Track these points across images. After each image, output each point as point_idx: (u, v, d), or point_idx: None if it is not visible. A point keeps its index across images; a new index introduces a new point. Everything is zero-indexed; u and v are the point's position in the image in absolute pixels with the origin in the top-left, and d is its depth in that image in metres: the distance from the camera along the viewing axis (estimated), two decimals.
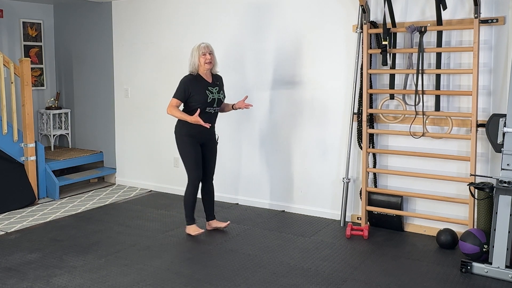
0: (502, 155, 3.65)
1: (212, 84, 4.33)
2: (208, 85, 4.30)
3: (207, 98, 4.25)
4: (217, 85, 4.36)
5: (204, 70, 4.29)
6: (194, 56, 4.27)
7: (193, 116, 4.15)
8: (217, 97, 4.31)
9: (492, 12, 4.06)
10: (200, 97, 4.23)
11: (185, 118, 4.20)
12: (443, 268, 3.71)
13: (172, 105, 4.24)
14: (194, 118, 4.14)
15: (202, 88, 4.26)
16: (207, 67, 4.26)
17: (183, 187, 5.91)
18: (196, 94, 4.22)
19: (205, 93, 4.25)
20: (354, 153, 4.78)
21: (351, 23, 4.69)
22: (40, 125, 6.77)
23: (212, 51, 4.30)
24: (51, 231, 4.63)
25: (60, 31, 6.91)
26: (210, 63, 4.26)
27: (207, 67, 4.26)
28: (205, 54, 4.24)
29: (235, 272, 3.68)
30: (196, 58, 4.25)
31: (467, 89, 4.19)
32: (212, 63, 4.29)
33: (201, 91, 4.24)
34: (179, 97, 4.25)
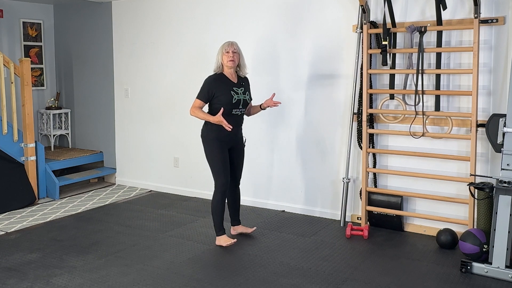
0: (502, 155, 3.65)
1: (237, 84, 4.13)
2: (233, 85, 4.10)
3: (232, 99, 4.05)
4: (242, 86, 4.16)
5: (228, 69, 4.10)
6: (218, 54, 4.10)
7: (216, 116, 3.97)
8: (242, 98, 4.11)
9: (492, 12, 4.06)
10: (225, 97, 4.03)
11: (208, 118, 4.03)
12: (443, 268, 3.71)
13: (195, 106, 4.06)
14: (217, 118, 3.96)
15: (227, 88, 4.06)
16: (230, 65, 4.06)
17: (183, 187, 5.99)
18: (220, 95, 4.03)
19: (230, 93, 4.05)
20: (354, 153, 4.78)
21: (351, 23, 4.69)
22: (40, 125, 6.77)
23: (237, 50, 4.09)
24: (51, 231, 4.63)
25: (60, 31, 6.91)
26: (232, 61, 4.05)
27: (230, 65, 4.06)
28: (228, 52, 4.05)
29: (235, 272, 3.68)
30: (220, 56, 4.08)
31: (467, 89, 4.19)
32: (236, 62, 4.09)
33: (226, 92, 4.04)
34: (203, 98, 4.07)
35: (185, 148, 5.87)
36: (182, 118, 5.84)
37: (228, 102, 4.04)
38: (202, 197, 5.73)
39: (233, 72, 4.14)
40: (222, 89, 4.05)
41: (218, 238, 4.21)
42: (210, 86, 4.06)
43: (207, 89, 4.06)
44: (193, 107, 4.08)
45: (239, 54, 4.11)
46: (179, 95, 5.83)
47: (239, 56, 4.11)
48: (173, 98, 5.89)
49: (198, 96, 4.09)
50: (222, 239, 4.19)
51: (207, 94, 4.06)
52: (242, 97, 4.11)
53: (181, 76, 5.82)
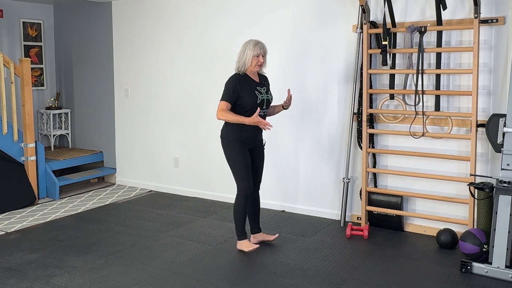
0: (502, 155, 3.65)
1: (259, 84, 3.97)
2: (257, 85, 3.94)
3: (256, 99, 3.88)
4: (264, 85, 4.02)
5: (253, 70, 3.95)
6: (246, 54, 3.88)
7: (252, 117, 3.77)
8: (265, 98, 3.96)
9: (492, 12, 4.06)
10: (250, 98, 3.86)
11: (243, 120, 3.80)
12: (443, 268, 3.71)
13: (222, 109, 3.82)
14: (254, 119, 3.77)
15: (251, 88, 3.90)
16: (257, 69, 3.93)
17: (183, 187, 5.99)
18: (245, 95, 3.86)
19: (254, 93, 3.89)
20: (354, 153, 4.78)
21: (351, 23, 4.69)
22: (40, 125, 6.77)
23: (266, 53, 3.95)
24: (51, 231, 4.63)
25: (60, 31, 6.91)
26: (261, 65, 3.93)
27: (257, 69, 3.93)
28: (259, 56, 3.88)
29: (235, 272, 3.68)
30: (249, 57, 3.87)
31: (467, 89, 4.19)
32: (263, 66, 3.97)
33: (250, 92, 3.88)
34: (229, 99, 3.84)
35: (185, 148, 5.87)
36: (182, 118, 5.84)
37: (252, 103, 3.88)
38: (202, 197, 5.73)
39: (255, 71, 3.99)
40: (246, 89, 3.88)
41: (239, 243, 4.09)
42: (235, 86, 3.86)
43: (232, 89, 3.86)
44: (220, 110, 3.83)
45: (265, 57, 3.96)
46: (179, 95, 5.83)
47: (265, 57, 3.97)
48: (173, 98, 5.89)
49: (223, 97, 3.87)
50: (243, 243, 4.07)
51: (233, 95, 3.85)
52: (265, 97, 3.96)
53: (181, 76, 5.82)
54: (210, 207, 5.38)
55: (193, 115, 5.75)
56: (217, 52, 5.51)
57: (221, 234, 4.50)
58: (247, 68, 3.91)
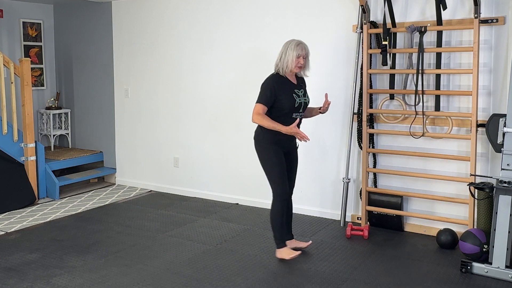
0: (502, 155, 3.65)
1: (297, 86, 3.79)
2: (294, 87, 3.76)
3: (294, 103, 3.70)
4: (302, 87, 3.84)
5: (292, 72, 3.77)
6: (288, 54, 3.68)
7: (290, 127, 3.60)
8: (303, 101, 3.78)
9: (492, 12, 4.06)
10: (288, 101, 3.68)
11: (279, 128, 3.62)
12: (443, 268, 3.71)
13: (258, 113, 3.63)
14: (291, 129, 3.60)
15: (289, 91, 3.71)
16: (297, 70, 3.74)
17: (183, 187, 5.99)
18: (283, 98, 3.67)
19: (292, 96, 3.70)
20: (354, 153, 4.78)
21: (351, 23, 4.69)
22: (40, 125, 6.77)
23: (308, 54, 3.76)
24: (51, 231, 4.63)
25: (60, 31, 6.91)
26: (301, 67, 3.75)
27: (297, 70, 3.74)
28: (300, 57, 3.69)
29: (235, 272, 3.68)
30: (290, 58, 3.68)
31: (467, 89, 4.19)
32: (303, 67, 3.79)
33: (288, 95, 3.69)
34: (266, 102, 3.64)
35: (185, 148, 5.87)
36: (182, 118, 5.84)
37: (290, 106, 3.70)
38: (202, 197, 5.73)
39: (293, 73, 3.81)
40: (284, 92, 3.69)
41: (279, 251, 3.89)
42: (273, 88, 3.66)
43: (270, 92, 3.65)
44: (256, 113, 3.64)
45: (307, 59, 3.78)
46: (179, 95, 5.83)
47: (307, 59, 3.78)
48: (173, 98, 5.89)
49: (259, 100, 3.67)
50: (284, 251, 3.87)
51: (271, 98, 3.65)
52: (303, 100, 3.78)
53: (181, 76, 5.82)
54: (210, 207, 5.38)
55: (193, 115, 5.75)
56: (217, 52, 5.51)
57: (221, 234, 4.50)
58: (289, 69, 3.72)
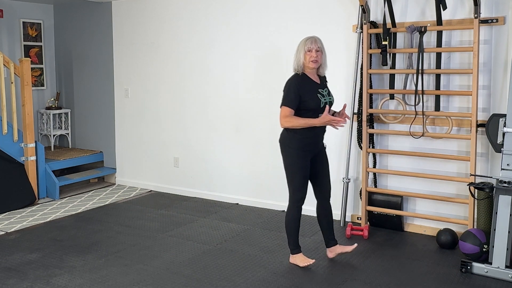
0: (502, 155, 3.65)
1: (321, 85, 3.65)
2: (318, 86, 3.62)
3: (319, 103, 3.55)
4: (325, 86, 3.71)
5: (309, 69, 3.61)
6: (299, 51, 3.58)
7: (322, 117, 3.47)
8: (328, 101, 3.62)
9: (492, 12, 4.06)
10: (312, 101, 3.54)
11: (312, 123, 3.50)
12: (443, 268, 3.71)
13: (286, 116, 3.52)
14: (324, 119, 3.47)
15: (313, 91, 3.57)
16: (312, 66, 3.56)
17: (183, 187, 5.99)
18: (308, 99, 3.53)
19: (317, 96, 3.56)
20: (354, 153, 4.78)
21: (351, 23, 4.69)
22: (40, 125, 6.77)
23: (321, 48, 3.58)
24: (51, 231, 4.63)
25: (60, 31, 6.91)
26: (316, 61, 3.56)
27: (312, 66, 3.56)
28: (311, 50, 3.54)
29: (235, 272, 3.68)
30: (301, 55, 3.56)
31: (467, 89, 4.19)
32: (319, 63, 3.60)
33: (313, 95, 3.55)
34: (291, 104, 3.52)
35: (185, 148, 5.87)
36: (182, 118, 5.84)
37: (315, 107, 3.55)
38: (202, 197, 5.73)
39: (315, 71, 3.66)
40: (308, 92, 3.55)
41: (293, 256, 3.79)
42: (296, 89, 3.53)
43: (293, 93, 3.52)
44: (283, 117, 3.54)
45: (322, 53, 3.61)
46: (180, 94, 5.83)
47: (322, 54, 3.62)
48: (174, 98, 5.89)
49: (284, 103, 3.56)
50: (297, 258, 3.76)
51: (295, 99, 3.52)
52: (328, 99, 3.62)
53: (181, 76, 5.82)
54: (210, 207, 5.38)
55: (194, 115, 5.75)
56: (217, 52, 5.51)
57: (221, 234, 4.50)
58: (302, 65, 3.59)
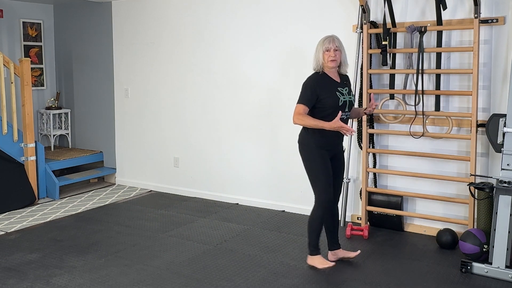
0: (502, 155, 3.65)
1: (341, 84, 3.62)
2: (337, 85, 3.59)
3: (338, 101, 3.52)
4: (346, 85, 3.66)
5: (329, 68, 3.60)
6: (318, 51, 3.58)
7: (333, 122, 3.41)
8: (348, 100, 3.59)
9: (492, 12, 4.06)
10: (331, 100, 3.51)
11: (321, 125, 3.46)
12: (443, 268, 3.71)
13: (299, 113, 3.49)
14: (335, 124, 3.40)
15: (332, 89, 3.55)
16: (331, 65, 3.54)
17: (183, 187, 5.99)
18: (326, 97, 3.51)
19: (336, 95, 3.53)
20: (354, 153, 4.78)
21: (351, 23, 4.69)
22: (40, 125, 6.77)
23: (339, 47, 3.57)
24: (51, 231, 4.63)
25: (60, 31, 6.91)
26: (334, 61, 3.54)
27: (331, 65, 3.54)
28: (329, 50, 3.53)
29: (235, 272, 3.68)
30: (320, 54, 3.55)
31: (467, 89, 4.19)
32: (338, 62, 3.57)
33: (331, 93, 3.53)
34: (306, 102, 3.51)
35: (185, 148, 5.87)
36: (182, 118, 5.84)
37: (334, 106, 3.52)
38: (202, 197, 5.73)
39: (335, 70, 3.65)
40: (326, 90, 3.53)
41: (311, 258, 3.73)
42: (313, 87, 3.52)
43: (310, 91, 3.51)
44: (297, 114, 3.51)
45: (341, 51, 3.60)
46: (179, 94, 5.83)
47: (341, 53, 3.61)
48: (174, 98, 5.89)
49: (300, 100, 3.54)
50: (316, 259, 3.70)
51: (311, 97, 3.51)
52: (347, 98, 3.60)
53: (181, 76, 5.82)
54: (210, 207, 5.38)
55: (194, 115, 5.75)
56: (217, 52, 5.51)
57: (221, 234, 4.50)
58: (321, 65, 3.57)
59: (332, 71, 3.62)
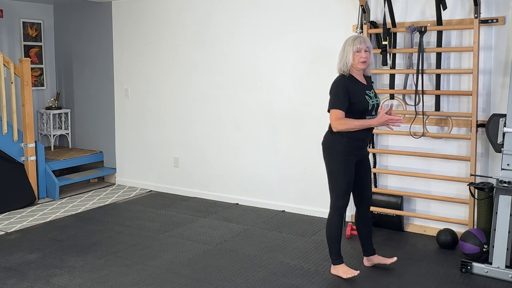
0: (502, 155, 3.65)
1: (367, 86, 3.48)
2: (365, 88, 3.45)
3: (368, 105, 3.38)
4: (371, 87, 3.54)
5: (357, 70, 3.44)
6: (346, 52, 3.39)
7: (379, 117, 3.33)
8: (375, 103, 3.46)
9: (492, 12, 4.06)
10: (361, 104, 3.37)
11: (369, 123, 3.36)
12: (443, 268, 3.71)
13: (339, 118, 3.34)
14: (382, 119, 3.32)
15: (361, 92, 3.40)
16: (361, 66, 3.39)
17: (183, 187, 5.99)
18: (356, 102, 3.36)
19: (365, 98, 3.39)
20: None
21: (351, 23, 4.69)
22: (40, 125, 6.77)
23: (370, 48, 3.41)
24: (51, 231, 4.63)
25: (60, 31, 6.91)
26: (365, 62, 3.39)
27: (361, 66, 3.39)
28: (360, 51, 3.35)
29: (235, 272, 3.68)
30: (350, 55, 3.37)
31: (467, 89, 4.19)
32: (368, 63, 3.42)
33: (361, 97, 3.38)
34: (341, 105, 3.35)
35: (185, 148, 5.87)
36: (182, 118, 5.84)
37: (364, 109, 3.38)
38: (202, 197, 5.73)
39: (361, 72, 3.49)
40: (356, 95, 3.38)
41: (335, 267, 3.60)
42: (345, 91, 3.36)
43: (343, 94, 3.36)
44: (336, 119, 3.36)
45: (370, 52, 3.43)
46: (179, 94, 5.83)
47: (370, 54, 3.44)
48: (173, 98, 5.89)
49: (334, 106, 3.38)
50: (340, 269, 3.57)
51: (345, 101, 3.36)
52: (375, 101, 3.46)
53: (181, 76, 5.82)
54: (210, 207, 5.38)
55: (194, 115, 5.75)
56: (217, 51, 5.51)
57: (221, 234, 4.50)
58: (349, 67, 3.41)
59: (359, 73, 3.47)
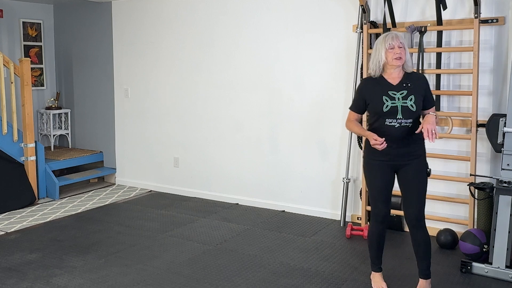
0: (502, 155, 3.65)
1: (397, 87, 3.16)
2: (389, 88, 3.17)
3: (382, 107, 3.13)
4: (405, 88, 3.16)
5: (393, 67, 3.19)
6: (378, 50, 3.19)
7: (369, 134, 3.17)
8: (400, 105, 3.12)
9: (492, 12, 4.06)
10: (375, 105, 3.17)
11: (364, 133, 3.27)
12: (443, 268, 3.71)
13: (349, 119, 3.34)
14: (368, 136, 3.17)
15: (380, 93, 3.17)
16: (397, 63, 3.14)
17: (183, 187, 5.99)
18: (372, 103, 3.20)
19: (381, 100, 3.14)
20: (354, 153, 4.78)
21: (351, 23, 4.69)
22: (40, 125, 6.77)
23: (404, 44, 3.17)
24: (51, 231, 4.63)
25: (60, 31, 6.91)
26: (399, 58, 3.14)
27: (397, 63, 3.14)
28: (393, 47, 3.14)
29: (235, 272, 3.68)
30: (382, 53, 3.16)
31: (467, 89, 4.19)
32: (403, 60, 3.15)
33: (377, 98, 3.17)
34: (354, 107, 3.33)
35: (185, 148, 5.87)
36: (182, 118, 5.84)
37: (378, 111, 3.17)
38: (202, 197, 5.73)
39: (399, 70, 3.21)
40: (373, 95, 3.20)
41: (372, 273, 3.48)
42: (360, 92, 3.29)
43: (358, 95, 3.31)
44: (347, 120, 3.37)
45: (405, 49, 3.18)
46: (179, 94, 5.83)
47: (405, 51, 3.19)
48: (173, 98, 5.89)
49: (350, 106, 3.39)
50: (373, 277, 3.45)
51: (358, 102, 3.29)
52: (400, 103, 3.12)
53: (181, 76, 5.82)
54: (210, 207, 5.38)
55: (193, 115, 5.75)
56: (216, 52, 5.51)
57: (221, 234, 4.50)
58: (382, 66, 3.20)
59: (396, 71, 3.20)
